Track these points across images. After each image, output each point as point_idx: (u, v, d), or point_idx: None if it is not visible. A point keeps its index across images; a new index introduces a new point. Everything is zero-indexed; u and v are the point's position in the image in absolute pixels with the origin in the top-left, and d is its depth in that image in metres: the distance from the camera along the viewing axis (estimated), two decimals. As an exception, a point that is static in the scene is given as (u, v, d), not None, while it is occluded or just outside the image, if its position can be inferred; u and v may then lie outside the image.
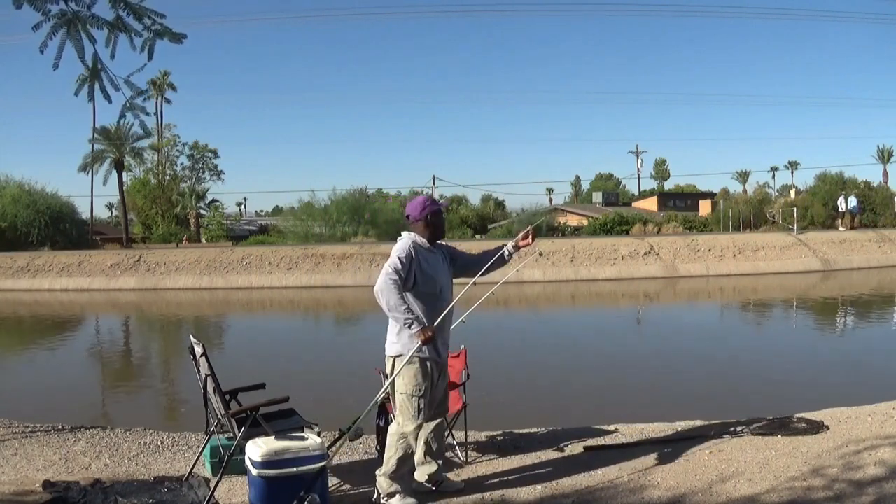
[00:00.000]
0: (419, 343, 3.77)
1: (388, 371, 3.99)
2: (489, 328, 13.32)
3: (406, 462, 3.86)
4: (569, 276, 23.38)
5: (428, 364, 3.89)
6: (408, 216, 4.07)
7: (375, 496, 3.90)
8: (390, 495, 3.83)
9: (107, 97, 4.61)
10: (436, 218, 4.02)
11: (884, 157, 65.52)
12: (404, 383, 3.86)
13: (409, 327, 3.75)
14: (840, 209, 31.26)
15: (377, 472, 3.92)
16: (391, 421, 4.09)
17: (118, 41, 4.39)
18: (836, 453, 4.38)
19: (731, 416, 5.62)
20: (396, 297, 3.72)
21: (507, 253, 4.21)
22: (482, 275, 4.20)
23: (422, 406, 3.86)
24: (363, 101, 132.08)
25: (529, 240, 4.20)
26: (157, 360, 13.22)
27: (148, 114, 5.50)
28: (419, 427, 3.88)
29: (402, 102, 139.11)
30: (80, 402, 8.59)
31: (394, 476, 3.83)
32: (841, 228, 29.56)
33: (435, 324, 3.83)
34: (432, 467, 4.03)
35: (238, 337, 15.38)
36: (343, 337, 15.10)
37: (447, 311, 3.92)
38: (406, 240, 3.94)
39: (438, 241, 4.11)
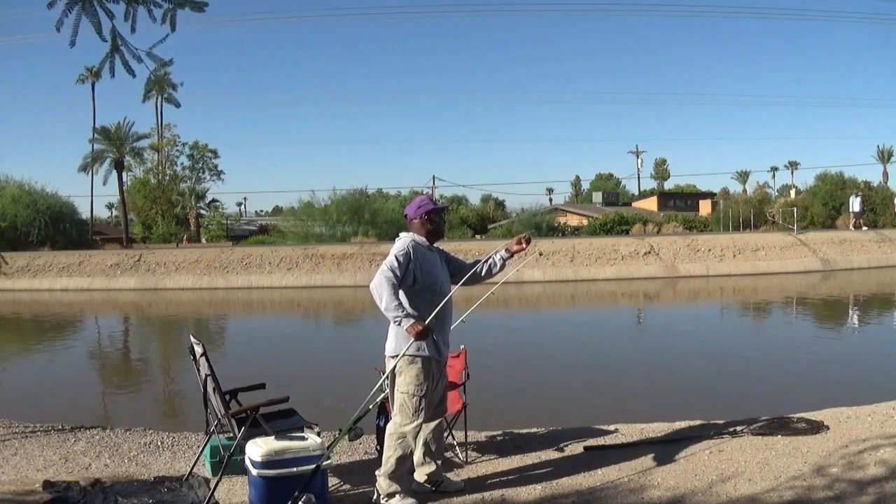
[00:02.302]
0: (413, 339, 3.75)
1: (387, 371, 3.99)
2: (489, 328, 13.32)
3: (405, 462, 3.86)
4: (569, 276, 23.37)
5: (431, 363, 3.88)
6: (405, 215, 4.10)
7: (375, 496, 3.89)
8: (390, 496, 3.82)
9: (130, 72, 4.48)
10: (434, 217, 4.03)
11: (884, 157, 65.56)
12: (406, 382, 3.85)
13: (399, 324, 3.73)
14: (851, 209, 31.08)
15: (377, 473, 3.92)
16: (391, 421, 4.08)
17: (137, 14, 4.27)
18: (837, 453, 4.38)
19: (731, 416, 5.62)
20: (389, 293, 3.70)
21: (499, 258, 4.19)
22: (469, 284, 4.15)
23: (422, 406, 3.85)
24: (363, 101, 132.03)
25: (523, 245, 4.17)
26: (157, 360, 13.21)
27: (175, 86, 5.41)
28: (418, 427, 3.87)
29: (402, 102, 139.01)
30: (80, 402, 8.59)
31: (393, 476, 3.83)
32: (852, 228, 29.35)
33: (428, 320, 3.78)
34: (431, 468, 4.03)
35: (238, 337, 15.38)
36: (343, 337, 15.10)
37: (442, 304, 3.89)
38: (406, 239, 3.95)
39: (435, 245, 4.12)
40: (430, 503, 3.92)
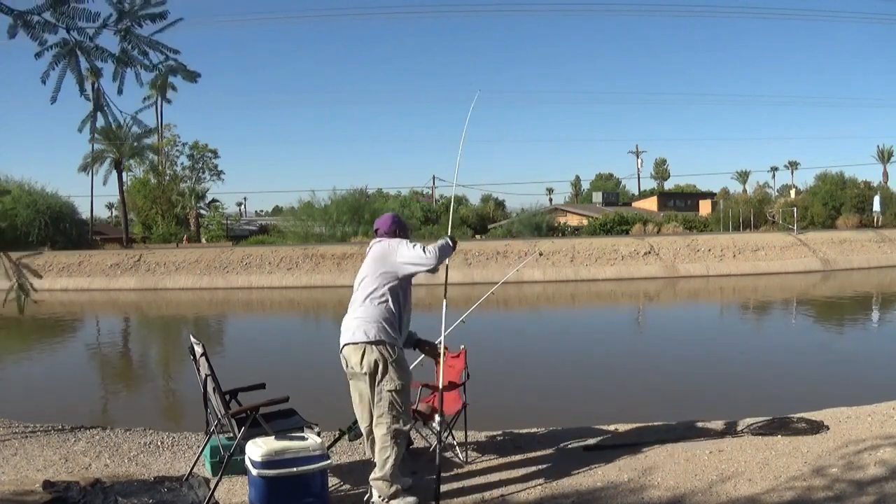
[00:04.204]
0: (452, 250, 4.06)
1: (360, 359, 3.86)
2: (489, 328, 13.32)
3: (400, 459, 3.85)
4: (569, 276, 23.37)
5: (403, 353, 3.96)
6: (377, 230, 4.22)
7: (375, 497, 3.84)
8: (393, 496, 3.79)
9: (111, 134, 4.42)
10: (405, 233, 4.20)
11: (884, 157, 65.53)
12: (391, 379, 3.81)
13: (449, 244, 4.03)
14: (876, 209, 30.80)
15: (372, 477, 3.85)
16: None
17: (126, 75, 4.15)
18: (837, 453, 4.38)
19: (731, 416, 5.62)
20: (434, 251, 3.92)
21: (413, 340, 4.29)
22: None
23: (406, 398, 3.90)
24: (363, 101, 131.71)
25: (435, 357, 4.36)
26: (157, 360, 13.22)
27: (157, 153, 5.31)
28: (409, 421, 3.91)
29: (402, 102, 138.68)
30: (80, 402, 8.59)
31: (393, 476, 3.80)
32: None
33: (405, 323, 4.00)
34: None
35: (238, 337, 15.38)
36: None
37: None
38: (399, 240, 4.06)
39: None
40: (430, 503, 3.92)
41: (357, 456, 4.84)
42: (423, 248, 3.96)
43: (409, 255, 3.93)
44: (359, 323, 3.90)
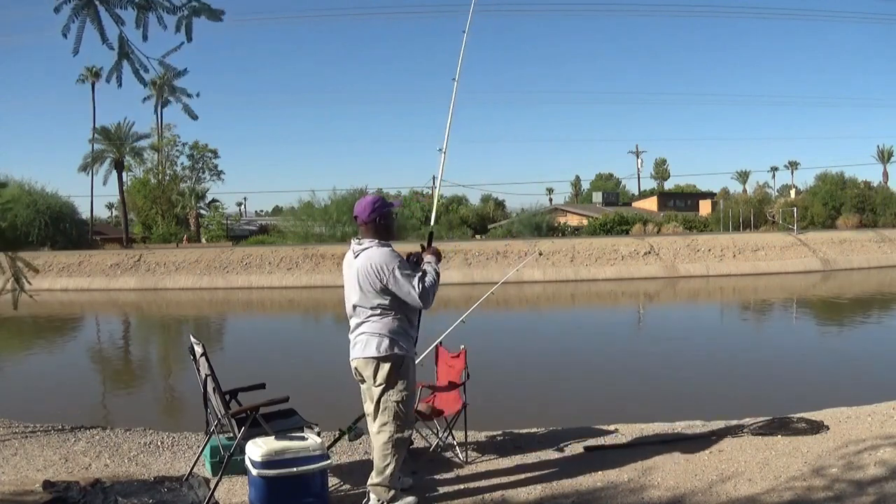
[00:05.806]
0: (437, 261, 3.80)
1: (372, 373, 3.72)
2: (489, 328, 13.32)
3: (399, 467, 3.82)
4: (569, 276, 23.38)
5: (413, 363, 3.87)
6: (356, 217, 3.79)
7: (374, 501, 3.82)
8: (391, 501, 3.77)
9: (141, 80, 4.26)
10: (387, 220, 3.76)
11: (884, 157, 65.57)
12: (399, 390, 3.72)
13: (434, 268, 3.74)
14: None
15: (370, 482, 3.81)
16: None
17: (149, 21, 3.97)
18: (837, 453, 4.38)
19: (731, 416, 5.62)
20: (427, 286, 3.63)
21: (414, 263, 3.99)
22: None
23: (411, 408, 3.83)
24: (363, 101, 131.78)
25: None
26: (156, 360, 13.22)
27: (190, 95, 5.09)
28: (412, 429, 3.85)
29: (402, 102, 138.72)
30: (80, 402, 8.60)
31: (391, 481, 3.78)
32: None
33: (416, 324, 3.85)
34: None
35: (238, 337, 15.38)
36: (343, 337, 15.07)
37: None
38: (385, 250, 3.69)
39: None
40: (430, 503, 3.92)
41: (357, 456, 4.84)
42: (419, 283, 3.61)
43: (403, 292, 3.62)
44: (367, 337, 3.74)
